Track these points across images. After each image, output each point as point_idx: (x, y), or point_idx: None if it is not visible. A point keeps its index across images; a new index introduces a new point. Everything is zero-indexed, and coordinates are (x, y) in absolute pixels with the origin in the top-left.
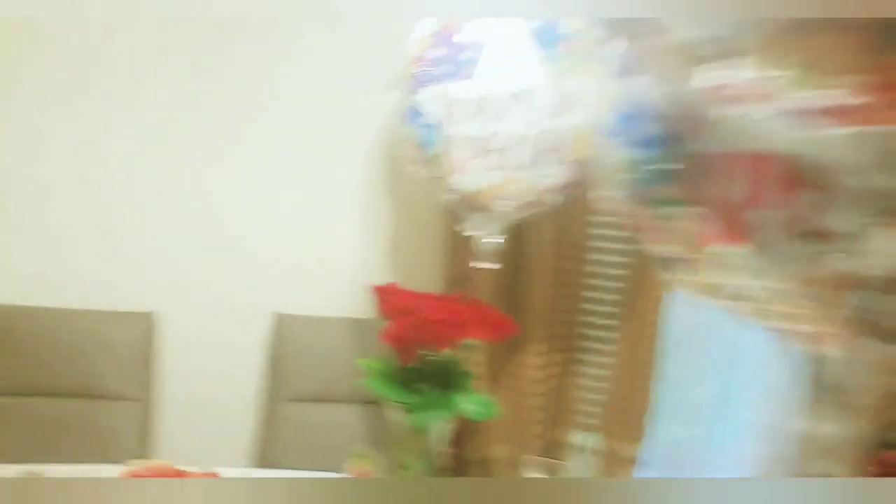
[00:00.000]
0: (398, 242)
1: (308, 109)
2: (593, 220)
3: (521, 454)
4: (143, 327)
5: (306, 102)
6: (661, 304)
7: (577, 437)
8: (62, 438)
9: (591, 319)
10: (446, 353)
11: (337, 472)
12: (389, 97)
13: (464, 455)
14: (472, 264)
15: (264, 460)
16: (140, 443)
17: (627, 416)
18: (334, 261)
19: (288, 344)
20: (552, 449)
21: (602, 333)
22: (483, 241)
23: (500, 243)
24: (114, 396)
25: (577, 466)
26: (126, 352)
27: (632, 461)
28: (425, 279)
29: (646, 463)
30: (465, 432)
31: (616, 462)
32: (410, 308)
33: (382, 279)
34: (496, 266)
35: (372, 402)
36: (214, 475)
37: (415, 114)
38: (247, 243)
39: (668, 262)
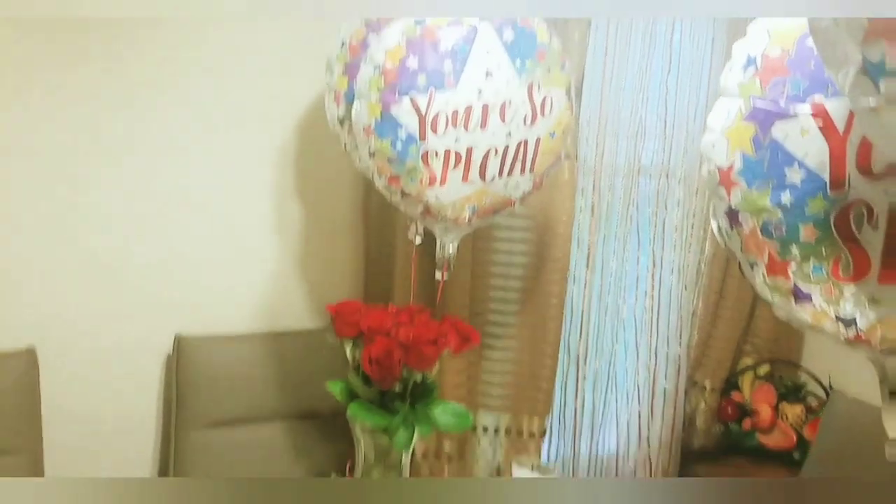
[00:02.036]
0: (311, 250)
1: (211, 110)
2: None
3: None
4: (23, 367)
5: (208, 103)
6: (562, 286)
7: (486, 419)
8: None
9: (497, 305)
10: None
11: None
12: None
13: None
14: (436, 276)
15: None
16: None
17: (534, 392)
18: (241, 273)
19: (193, 369)
20: None
21: (507, 318)
22: (447, 250)
23: (454, 253)
24: None
25: (485, 446)
26: (4, 399)
27: (541, 434)
28: (343, 287)
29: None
30: None
31: (525, 438)
32: (381, 328)
33: (295, 289)
34: (446, 277)
35: (294, 418)
36: None
37: (389, 126)
38: (137, 259)
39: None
